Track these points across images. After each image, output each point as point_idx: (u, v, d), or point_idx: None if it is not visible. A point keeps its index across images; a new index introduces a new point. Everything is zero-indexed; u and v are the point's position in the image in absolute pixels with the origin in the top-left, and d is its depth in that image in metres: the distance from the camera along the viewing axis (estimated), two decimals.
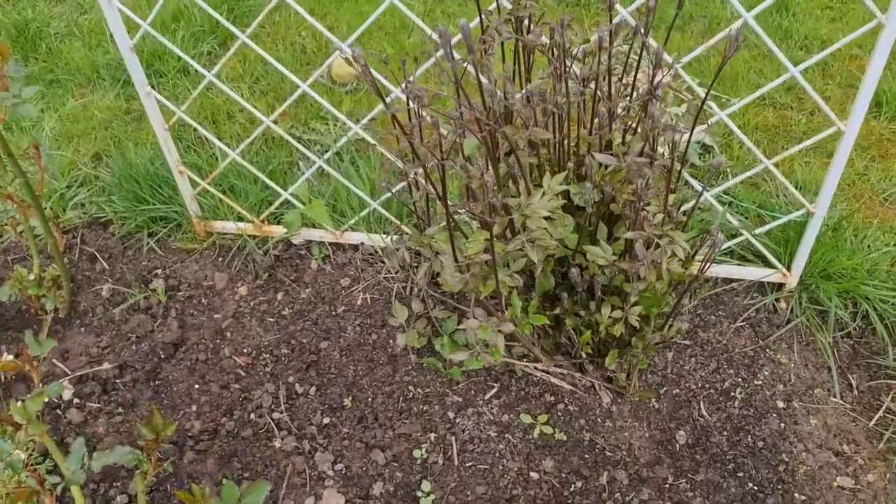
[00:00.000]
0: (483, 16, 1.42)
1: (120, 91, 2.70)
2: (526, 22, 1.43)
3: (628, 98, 1.44)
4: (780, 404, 1.74)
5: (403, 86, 1.31)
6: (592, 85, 1.39)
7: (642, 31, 1.36)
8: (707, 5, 3.10)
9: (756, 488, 1.59)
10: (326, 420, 1.73)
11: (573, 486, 1.59)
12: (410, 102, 1.31)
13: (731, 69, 2.67)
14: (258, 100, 2.64)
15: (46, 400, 1.42)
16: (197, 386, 1.81)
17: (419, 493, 1.59)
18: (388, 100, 1.68)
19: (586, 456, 1.64)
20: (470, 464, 1.64)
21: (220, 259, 2.09)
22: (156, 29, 2.86)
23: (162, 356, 1.87)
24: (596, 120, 1.40)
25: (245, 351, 1.88)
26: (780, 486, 1.59)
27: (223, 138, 2.44)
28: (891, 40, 1.37)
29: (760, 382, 1.78)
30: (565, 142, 1.45)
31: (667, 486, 1.59)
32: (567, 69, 1.33)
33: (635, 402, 1.73)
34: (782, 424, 1.70)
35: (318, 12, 3.12)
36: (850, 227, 2.02)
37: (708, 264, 1.44)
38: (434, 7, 3.12)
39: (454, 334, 1.78)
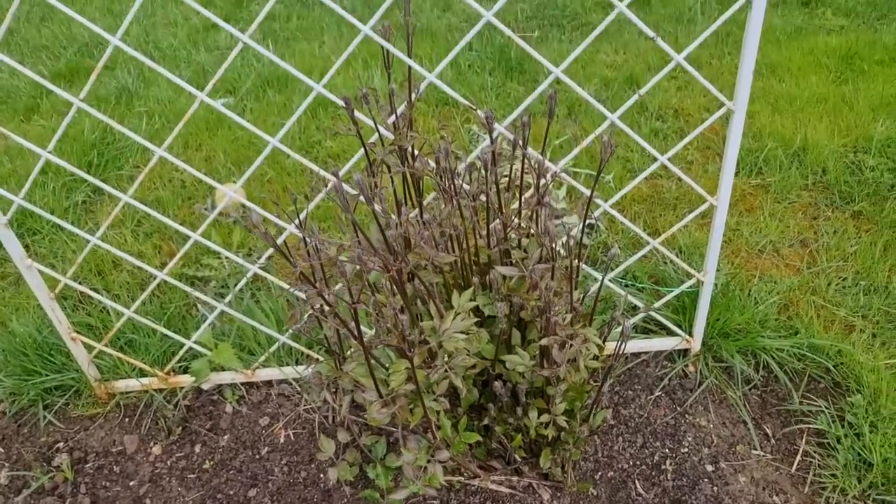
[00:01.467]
0: (369, 148, 1.47)
1: None
2: (410, 148, 1.49)
3: (517, 202, 1.50)
4: (709, 468, 1.80)
5: (297, 224, 1.33)
6: (482, 197, 1.44)
7: (520, 143, 1.43)
8: (567, 91, 3.30)
9: None
10: None
11: None
12: (308, 239, 1.32)
13: (598, 146, 2.83)
14: (143, 243, 2.57)
15: None
16: None
17: None
18: (282, 238, 1.68)
19: None
20: None
21: (127, 420, 1.98)
22: (22, 183, 2.76)
23: None
24: (492, 230, 1.45)
25: None
26: None
27: (112, 289, 2.35)
28: (741, 123, 1.51)
29: (687, 450, 1.84)
30: (465, 256, 1.49)
31: None
32: (457, 192, 1.37)
33: (574, 494, 1.74)
34: (715, 488, 1.75)
35: (192, 144, 3.10)
36: (737, 284, 2.15)
37: (623, 347, 1.49)
38: (308, 124, 3.17)
39: (386, 458, 1.75)
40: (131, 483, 1.85)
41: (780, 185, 2.64)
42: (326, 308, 1.25)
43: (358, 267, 1.30)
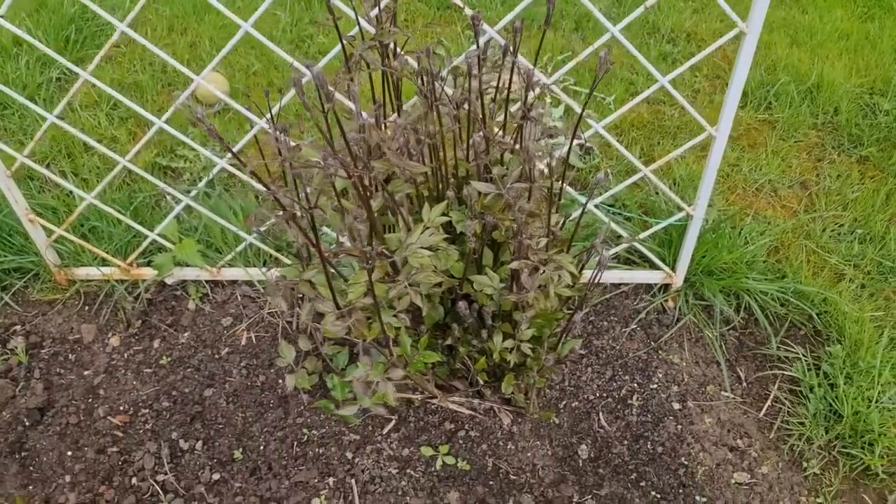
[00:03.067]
0: (346, 42, 1.35)
1: None
2: (392, 46, 1.37)
3: (503, 114, 1.40)
4: (676, 406, 1.76)
5: (268, 118, 1.24)
6: (466, 105, 1.34)
7: (511, 49, 1.32)
8: (577, 4, 3.12)
9: (659, 496, 1.59)
10: (216, 476, 1.61)
11: None
12: (277, 134, 1.23)
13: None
14: (118, 127, 2.45)
15: None
16: (69, 453, 1.65)
17: None
18: (252, 133, 1.58)
19: (491, 483, 1.60)
20: None
21: (87, 308, 1.93)
22: None
23: (27, 424, 1.70)
24: (472, 143, 1.35)
25: (121, 409, 1.73)
26: (681, 491, 1.61)
27: (80, 173, 2.25)
28: (752, 48, 1.39)
29: (655, 386, 1.79)
30: (442, 168, 1.40)
31: None
32: (438, 97, 1.27)
33: (536, 420, 1.71)
34: (679, 426, 1.72)
35: (177, 28, 2.94)
36: (729, 222, 2.07)
37: (598, 277, 1.42)
38: (302, 17, 3.00)
39: (347, 370, 1.70)
40: (86, 372, 1.80)
41: (788, 121, 2.52)
42: (294, 212, 1.17)
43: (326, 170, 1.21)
